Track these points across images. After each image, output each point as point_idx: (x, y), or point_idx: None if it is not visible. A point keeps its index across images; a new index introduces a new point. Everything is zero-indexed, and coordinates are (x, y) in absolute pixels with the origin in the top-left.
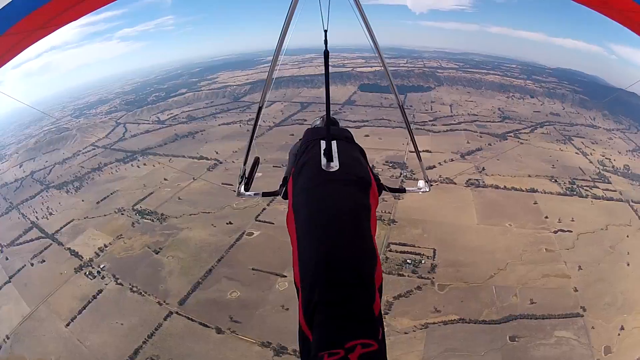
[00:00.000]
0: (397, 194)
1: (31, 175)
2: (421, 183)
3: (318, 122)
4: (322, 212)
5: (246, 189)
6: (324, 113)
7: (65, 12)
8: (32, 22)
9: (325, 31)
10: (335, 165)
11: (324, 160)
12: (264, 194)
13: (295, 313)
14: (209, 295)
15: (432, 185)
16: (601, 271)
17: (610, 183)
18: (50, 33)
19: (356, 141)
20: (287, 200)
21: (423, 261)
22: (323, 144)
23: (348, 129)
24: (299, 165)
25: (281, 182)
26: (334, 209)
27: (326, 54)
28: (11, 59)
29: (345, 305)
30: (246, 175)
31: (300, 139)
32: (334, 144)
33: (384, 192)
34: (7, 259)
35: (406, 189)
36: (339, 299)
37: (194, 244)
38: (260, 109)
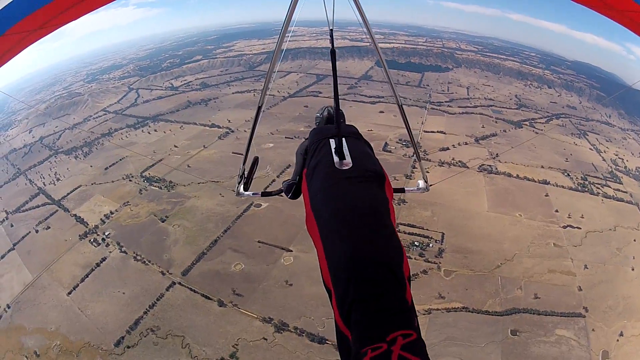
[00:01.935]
0: (396, 193)
1: (40, 140)
2: (421, 183)
3: (321, 115)
4: (346, 211)
5: (245, 189)
6: (324, 106)
7: (65, 12)
8: (32, 22)
9: (331, 30)
10: (348, 162)
11: (336, 159)
12: (263, 194)
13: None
14: (213, 266)
15: (431, 185)
16: (606, 273)
17: (622, 184)
18: (50, 33)
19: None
20: (293, 200)
21: (431, 244)
22: (332, 142)
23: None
24: (311, 166)
25: (287, 184)
26: (357, 206)
27: (333, 52)
28: (11, 58)
29: (382, 299)
30: (245, 175)
31: (305, 139)
32: (343, 141)
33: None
34: (12, 225)
35: (405, 188)
36: (375, 294)
37: (201, 213)
38: (259, 108)
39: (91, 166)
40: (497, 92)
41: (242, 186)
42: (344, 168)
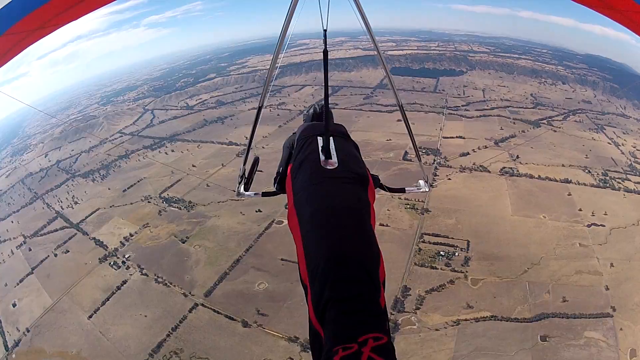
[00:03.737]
0: (396, 193)
1: (57, 164)
2: (421, 182)
3: (311, 111)
4: (327, 210)
5: (246, 189)
6: (312, 104)
7: (65, 12)
8: (32, 22)
9: (325, 31)
10: (334, 162)
11: (322, 158)
12: (264, 194)
13: None
14: (236, 286)
15: (431, 186)
16: (632, 269)
17: None
18: (50, 33)
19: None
20: (281, 193)
21: (457, 253)
22: (320, 140)
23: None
24: (297, 161)
25: (275, 177)
26: (339, 206)
27: (325, 52)
28: (11, 59)
29: (356, 300)
30: (246, 175)
31: (294, 132)
32: (331, 140)
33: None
34: (30, 249)
35: (405, 188)
36: (350, 295)
37: (222, 232)
38: (259, 109)
39: (109, 189)
40: (512, 92)
41: (242, 186)
42: (329, 167)
